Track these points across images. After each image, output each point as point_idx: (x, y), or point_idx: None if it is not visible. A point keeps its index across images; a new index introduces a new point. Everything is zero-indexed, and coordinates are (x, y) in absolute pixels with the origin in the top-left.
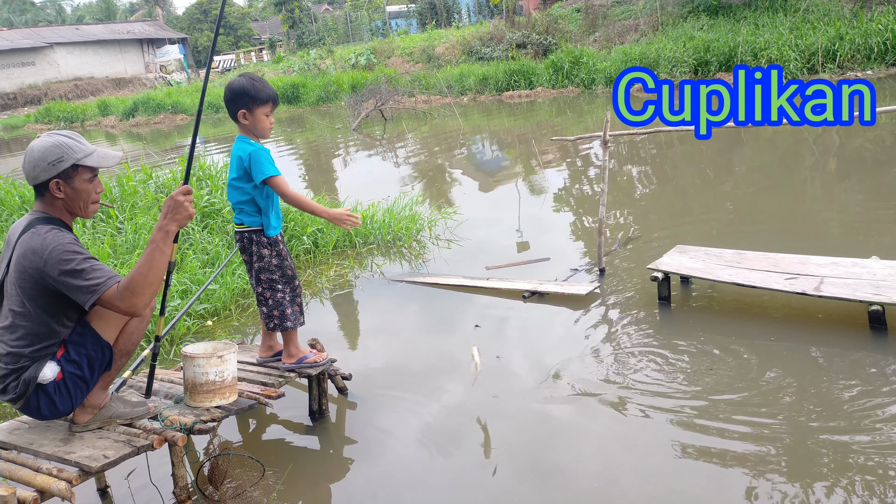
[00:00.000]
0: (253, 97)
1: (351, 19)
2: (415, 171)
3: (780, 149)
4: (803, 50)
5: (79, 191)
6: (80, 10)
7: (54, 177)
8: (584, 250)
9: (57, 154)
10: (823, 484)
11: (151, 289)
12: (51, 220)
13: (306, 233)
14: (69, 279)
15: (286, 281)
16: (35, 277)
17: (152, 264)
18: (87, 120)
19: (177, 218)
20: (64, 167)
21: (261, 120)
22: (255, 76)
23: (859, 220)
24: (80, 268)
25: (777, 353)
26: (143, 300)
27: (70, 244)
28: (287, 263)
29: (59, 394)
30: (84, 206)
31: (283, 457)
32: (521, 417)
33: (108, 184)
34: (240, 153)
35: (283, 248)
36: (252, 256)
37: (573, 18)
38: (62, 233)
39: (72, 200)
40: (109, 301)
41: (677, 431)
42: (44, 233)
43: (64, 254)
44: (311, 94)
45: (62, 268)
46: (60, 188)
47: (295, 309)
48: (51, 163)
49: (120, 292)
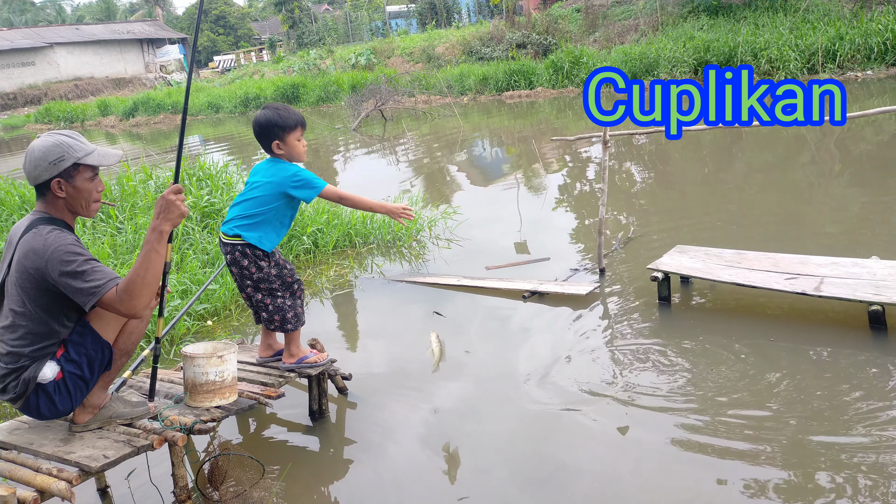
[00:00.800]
0: (282, 126)
1: (351, 19)
2: (415, 171)
3: (781, 149)
4: (803, 50)
5: (80, 190)
6: (80, 10)
7: (56, 176)
8: (584, 250)
9: (58, 153)
10: (823, 484)
11: (149, 290)
12: (53, 221)
13: (306, 233)
14: (70, 280)
15: (285, 287)
16: (36, 278)
17: (149, 266)
18: (87, 120)
19: (170, 217)
20: (65, 166)
21: (294, 146)
22: (278, 105)
23: (859, 220)
24: (81, 269)
25: (777, 354)
26: (142, 302)
27: (71, 245)
28: (286, 271)
29: (59, 393)
30: (86, 206)
31: (283, 457)
32: (520, 417)
33: (109, 184)
34: (275, 177)
35: (278, 256)
36: (247, 270)
37: (573, 18)
38: (64, 233)
39: (73, 199)
40: (109, 303)
41: (677, 432)
42: (45, 233)
43: (65, 255)
44: (311, 94)
45: (63, 269)
46: (62, 187)
47: (297, 311)
48: (52, 162)
49: (119, 295)
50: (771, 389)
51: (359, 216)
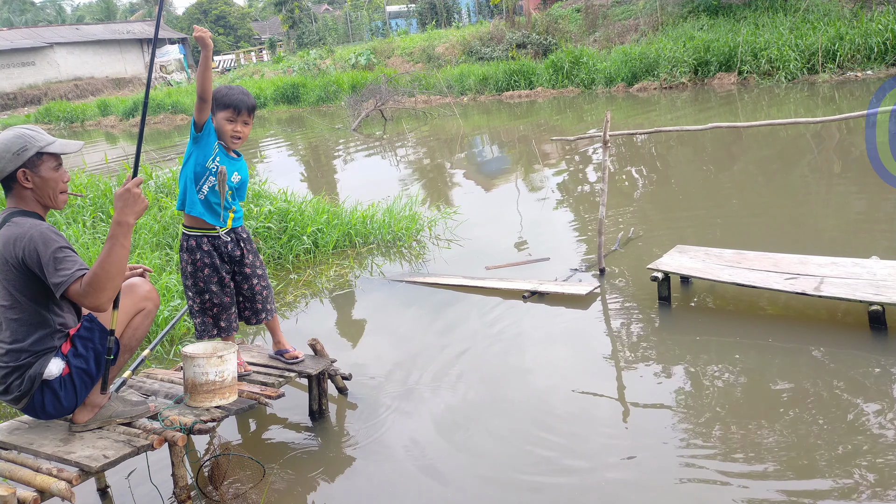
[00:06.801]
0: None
1: (351, 19)
2: (415, 170)
3: (781, 149)
4: (803, 50)
5: (46, 179)
6: (80, 10)
7: (20, 166)
8: (584, 250)
9: (20, 144)
10: (823, 485)
11: (113, 284)
12: (26, 213)
13: (306, 233)
14: (44, 267)
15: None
16: (17, 267)
17: (114, 260)
18: (87, 120)
19: (135, 210)
20: (28, 156)
21: (221, 125)
22: (233, 87)
23: (859, 219)
24: (55, 257)
25: (777, 354)
26: (107, 295)
27: (47, 230)
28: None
29: (65, 389)
30: (53, 196)
31: (283, 457)
32: (519, 417)
33: (109, 184)
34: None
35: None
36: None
37: (573, 18)
38: (40, 221)
39: (41, 190)
40: (74, 295)
41: (677, 432)
42: (22, 223)
43: (43, 240)
44: (311, 94)
45: (39, 255)
46: (28, 178)
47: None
48: (15, 153)
49: (84, 288)
50: (770, 390)
51: (359, 216)
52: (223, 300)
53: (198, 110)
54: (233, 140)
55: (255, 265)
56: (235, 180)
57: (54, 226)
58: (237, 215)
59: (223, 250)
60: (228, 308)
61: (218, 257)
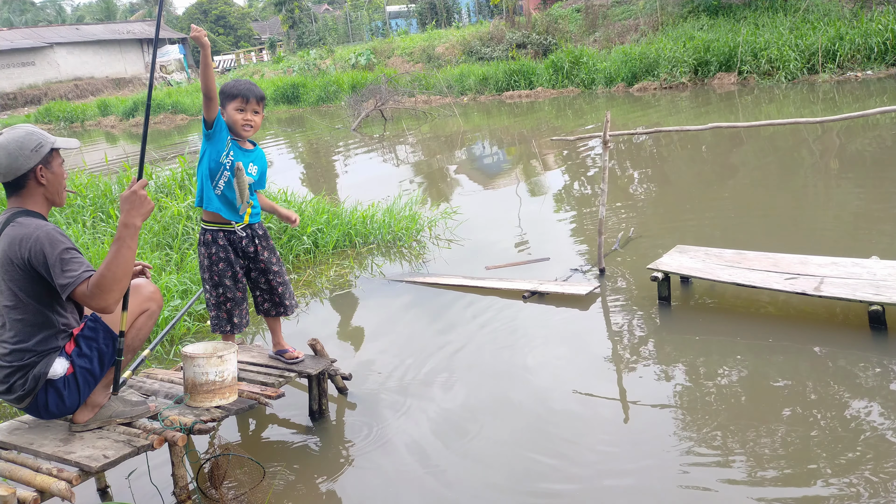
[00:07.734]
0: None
1: (351, 19)
2: (415, 170)
3: (781, 149)
4: (803, 50)
5: (58, 175)
6: (80, 10)
7: (38, 163)
8: (584, 250)
9: (36, 140)
10: (823, 485)
11: (120, 286)
12: (30, 213)
13: (306, 233)
14: (51, 268)
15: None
16: (22, 267)
17: (120, 261)
18: (87, 120)
19: (141, 211)
20: (45, 152)
21: (231, 115)
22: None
23: (859, 220)
24: (62, 258)
25: (777, 354)
26: (113, 297)
27: (53, 231)
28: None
29: (69, 388)
30: (61, 192)
31: (283, 457)
32: (519, 417)
33: (109, 184)
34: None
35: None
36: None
37: (573, 18)
38: (45, 222)
39: (53, 186)
40: (81, 297)
41: (677, 432)
42: (27, 223)
43: (49, 241)
44: (311, 94)
45: (46, 256)
46: (43, 174)
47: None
48: (33, 149)
49: (90, 290)
50: (770, 390)
51: (359, 216)
52: (235, 295)
53: (206, 108)
54: (244, 129)
55: (270, 261)
56: (253, 171)
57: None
58: (255, 210)
59: (238, 245)
60: (240, 304)
61: (233, 252)
